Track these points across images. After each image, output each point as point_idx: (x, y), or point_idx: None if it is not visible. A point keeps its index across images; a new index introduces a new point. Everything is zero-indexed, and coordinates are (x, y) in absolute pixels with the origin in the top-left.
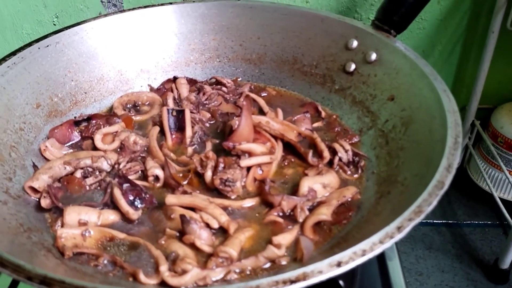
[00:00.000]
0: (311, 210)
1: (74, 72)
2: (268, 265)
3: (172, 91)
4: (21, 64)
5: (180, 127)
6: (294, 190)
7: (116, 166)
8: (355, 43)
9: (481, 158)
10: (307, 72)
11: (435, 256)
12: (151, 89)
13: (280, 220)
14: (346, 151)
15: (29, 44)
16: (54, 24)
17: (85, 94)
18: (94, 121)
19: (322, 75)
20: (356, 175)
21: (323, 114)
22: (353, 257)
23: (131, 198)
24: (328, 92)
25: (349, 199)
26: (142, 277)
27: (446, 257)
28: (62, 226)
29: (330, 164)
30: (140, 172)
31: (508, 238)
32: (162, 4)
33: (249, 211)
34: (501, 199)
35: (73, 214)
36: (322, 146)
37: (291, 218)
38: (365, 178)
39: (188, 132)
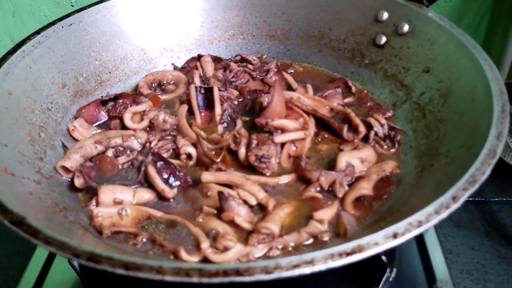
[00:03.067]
0: (350, 185)
1: (98, 51)
2: (310, 241)
3: (197, 69)
4: (46, 43)
5: (209, 105)
6: (330, 166)
7: (147, 145)
8: (385, 15)
9: (508, 134)
10: (334, 47)
11: (464, 234)
12: (175, 68)
13: (319, 195)
14: (382, 125)
15: (53, 23)
16: (72, 5)
17: (110, 74)
18: (121, 101)
19: (350, 49)
20: (393, 150)
21: (353, 89)
22: (409, 228)
23: (166, 176)
24: (358, 67)
25: (389, 174)
26: (183, 254)
27: (475, 234)
28: (97, 205)
29: (365, 139)
30: (171, 150)
31: None
32: None
33: (285, 187)
34: None
35: (108, 193)
36: (357, 120)
37: (330, 193)
38: (403, 152)
39: (218, 109)
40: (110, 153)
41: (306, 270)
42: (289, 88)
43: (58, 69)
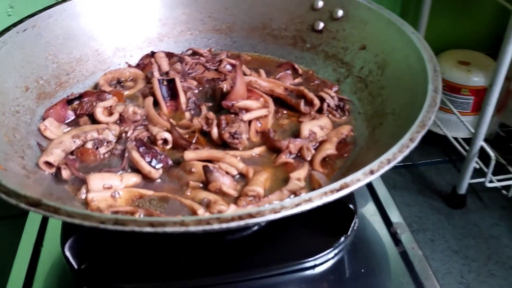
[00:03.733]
0: (315, 149)
1: (54, 54)
2: (291, 197)
3: (151, 65)
4: (4, 49)
5: (172, 95)
6: (294, 136)
7: (123, 135)
8: (320, 3)
9: None
10: (277, 36)
11: (400, 194)
12: (129, 66)
13: (291, 160)
14: (332, 97)
15: (8, 29)
16: (9, 15)
17: (68, 76)
18: (86, 99)
19: (292, 36)
20: (344, 118)
21: (300, 71)
22: (381, 165)
23: (148, 159)
24: (301, 51)
25: (345, 136)
26: None
27: (410, 193)
28: (87, 192)
29: (320, 111)
30: (146, 138)
31: (463, 166)
32: None
33: (259, 158)
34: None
35: (97, 180)
36: (311, 95)
37: (299, 158)
38: (353, 118)
39: (182, 98)
40: (89, 145)
41: (307, 206)
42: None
43: (19, 73)
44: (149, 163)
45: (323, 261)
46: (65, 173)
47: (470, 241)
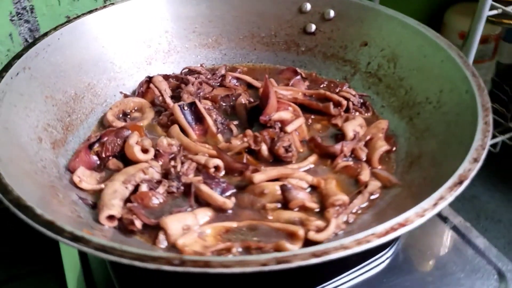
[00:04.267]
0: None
1: (51, 96)
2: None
3: (151, 91)
4: (6, 99)
5: (197, 119)
6: (337, 138)
7: (172, 170)
8: (308, 6)
9: None
10: (268, 43)
11: None
12: (125, 96)
13: (351, 163)
14: (354, 95)
15: (1, 75)
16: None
17: (70, 117)
18: (105, 139)
19: (284, 42)
20: (368, 114)
21: (303, 74)
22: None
23: (217, 190)
24: (296, 55)
25: (385, 130)
26: (288, 245)
27: None
28: (167, 239)
29: (346, 111)
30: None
31: None
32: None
33: (315, 167)
34: None
35: (174, 223)
36: (335, 96)
37: (354, 159)
38: (379, 113)
39: (210, 121)
40: (144, 188)
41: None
42: (250, 87)
43: (28, 124)
44: (219, 193)
45: None
46: (138, 223)
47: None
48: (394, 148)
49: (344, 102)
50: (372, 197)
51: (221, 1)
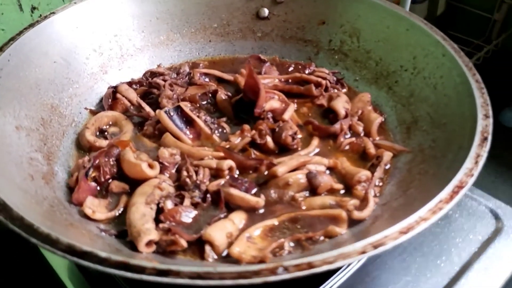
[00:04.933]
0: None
1: (20, 126)
2: None
3: (114, 104)
4: None
5: (187, 122)
6: (329, 118)
7: (188, 180)
8: None
9: None
10: (222, 33)
11: None
12: (92, 112)
13: (353, 139)
14: (328, 73)
15: None
16: None
17: (46, 146)
18: (98, 161)
19: (238, 30)
20: (344, 90)
21: (266, 60)
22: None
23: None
24: (254, 41)
25: (369, 102)
26: (337, 229)
27: None
28: (215, 251)
29: (325, 90)
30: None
31: None
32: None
33: (321, 150)
34: None
35: (218, 233)
36: (313, 77)
37: (353, 135)
38: (354, 86)
39: (201, 122)
40: (170, 205)
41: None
42: (221, 81)
43: (13, 163)
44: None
45: None
46: (184, 242)
47: None
48: (384, 116)
49: (324, 82)
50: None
51: None
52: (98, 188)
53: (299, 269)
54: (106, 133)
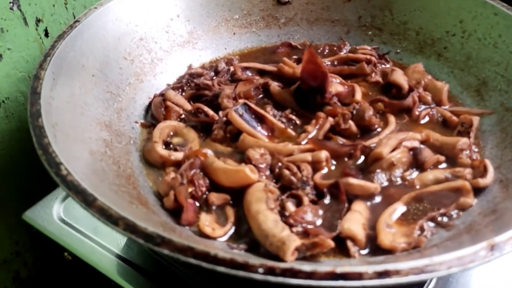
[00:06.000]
0: None
1: (93, 152)
2: None
3: (167, 112)
4: None
5: (258, 119)
6: (393, 93)
7: (293, 178)
8: None
9: None
10: (245, 24)
11: None
12: (143, 125)
13: (428, 110)
14: (371, 50)
15: None
16: None
17: (120, 168)
18: (194, 180)
19: (261, 18)
20: (389, 64)
21: (298, 46)
22: None
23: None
24: (279, 29)
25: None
26: (469, 200)
27: None
28: (358, 245)
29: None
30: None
31: None
32: None
33: (399, 125)
34: None
35: (356, 225)
36: (361, 56)
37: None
38: (397, 59)
39: (271, 118)
40: (292, 206)
41: None
42: (262, 73)
43: (113, 191)
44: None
45: None
46: (330, 242)
47: None
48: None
49: (373, 59)
50: None
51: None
52: (198, 204)
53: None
54: (171, 145)
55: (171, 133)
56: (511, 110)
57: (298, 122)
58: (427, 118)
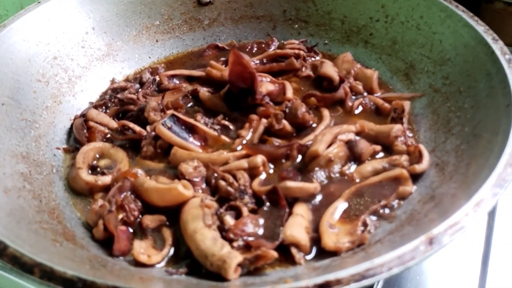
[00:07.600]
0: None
1: (8, 189)
2: None
3: (91, 134)
4: None
5: (188, 129)
6: (324, 86)
7: (230, 188)
8: None
9: None
10: (167, 30)
11: None
12: (66, 151)
13: (360, 99)
14: (298, 44)
15: None
16: None
17: (41, 202)
18: (124, 204)
19: (183, 22)
20: (319, 56)
21: (225, 47)
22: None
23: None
24: (203, 31)
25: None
26: (408, 188)
27: None
28: (303, 250)
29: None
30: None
31: None
32: None
33: (334, 118)
34: None
35: (299, 231)
36: (289, 51)
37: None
38: (326, 50)
39: (201, 126)
40: (230, 220)
41: None
42: (191, 79)
43: (32, 231)
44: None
45: None
46: (274, 253)
47: None
48: (373, 69)
49: (302, 53)
50: None
51: (93, 3)
52: (131, 230)
53: None
54: (98, 169)
55: (97, 156)
56: (440, 91)
57: (231, 127)
58: (360, 108)
